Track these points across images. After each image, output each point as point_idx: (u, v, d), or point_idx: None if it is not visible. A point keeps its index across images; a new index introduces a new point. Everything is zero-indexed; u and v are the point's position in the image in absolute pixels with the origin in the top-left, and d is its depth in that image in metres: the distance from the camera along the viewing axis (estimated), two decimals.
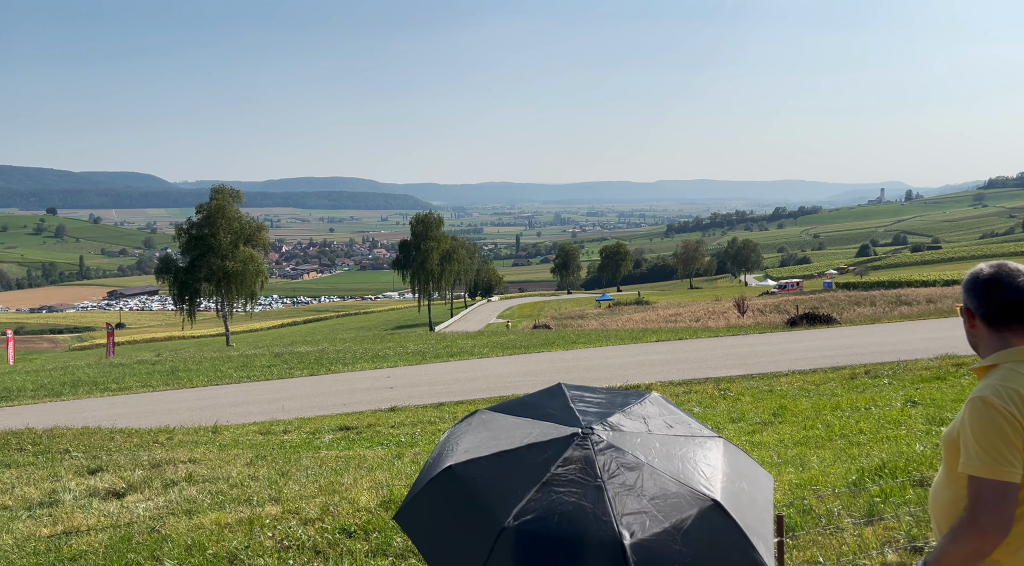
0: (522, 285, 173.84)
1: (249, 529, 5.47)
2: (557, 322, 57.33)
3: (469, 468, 2.10)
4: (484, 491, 2.00)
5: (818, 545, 4.60)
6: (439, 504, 2.08)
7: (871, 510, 5.00)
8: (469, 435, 2.29)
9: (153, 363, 23.96)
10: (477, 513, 1.97)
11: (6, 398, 17.29)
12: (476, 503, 1.99)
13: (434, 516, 2.09)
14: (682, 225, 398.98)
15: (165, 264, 52.74)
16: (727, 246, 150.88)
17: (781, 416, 9.23)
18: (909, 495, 5.18)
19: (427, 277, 74.97)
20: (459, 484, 2.06)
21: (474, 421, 2.38)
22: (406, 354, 22.41)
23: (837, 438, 7.60)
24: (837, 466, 6.20)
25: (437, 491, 2.11)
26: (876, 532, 4.71)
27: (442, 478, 2.11)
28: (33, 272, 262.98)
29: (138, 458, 8.44)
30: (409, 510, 2.07)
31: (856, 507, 5.09)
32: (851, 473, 5.81)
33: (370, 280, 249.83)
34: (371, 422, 11.16)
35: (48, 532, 5.81)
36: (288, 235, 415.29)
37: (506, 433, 2.24)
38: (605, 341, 22.99)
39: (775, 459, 6.80)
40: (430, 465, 2.26)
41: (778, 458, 6.84)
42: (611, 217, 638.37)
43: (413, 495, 2.00)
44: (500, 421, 2.33)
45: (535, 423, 2.27)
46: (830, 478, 5.75)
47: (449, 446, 2.28)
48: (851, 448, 7.00)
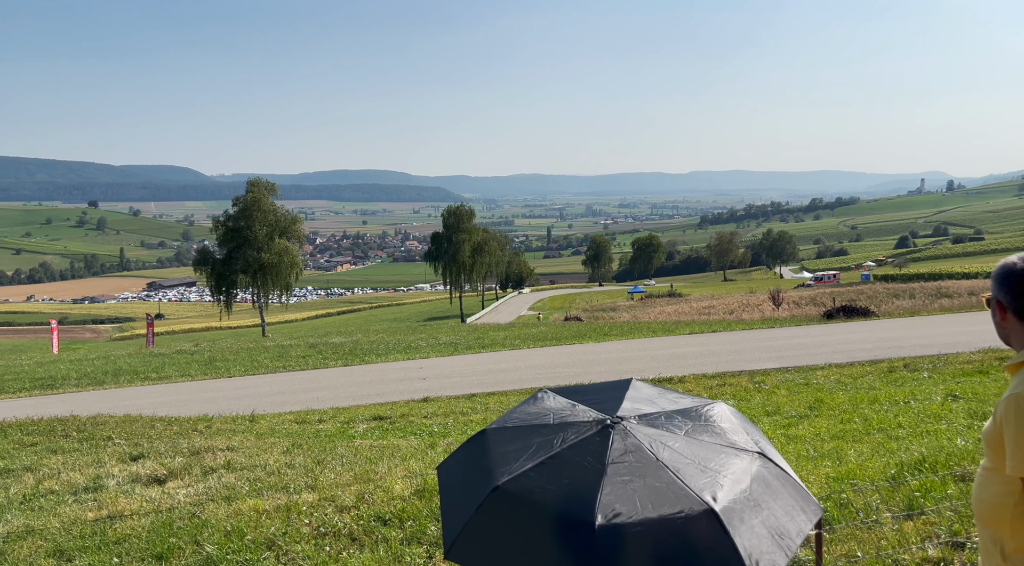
0: (553, 277, 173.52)
1: (286, 516, 5.57)
2: (588, 314, 57.17)
3: (498, 434, 2.26)
4: (497, 455, 2.14)
5: (856, 539, 4.54)
6: (464, 461, 2.26)
7: (911, 504, 4.92)
8: (520, 409, 2.42)
9: (192, 353, 24.43)
10: (484, 472, 2.11)
11: (51, 386, 17.77)
12: (487, 464, 2.13)
13: (458, 471, 2.26)
14: (716, 216, 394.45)
15: (202, 256, 53.61)
16: (762, 238, 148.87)
17: (817, 409, 9.11)
18: (950, 490, 5.08)
19: (459, 269, 75.20)
20: (484, 447, 2.23)
21: (532, 397, 2.50)
22: (438, 345, 22.54)
23: (875, 432, 7.47)
24: (875, 460, 6.11)
25: (468, 449, 2.29)
26: (916, 527, 4.63)
27: (476, 439, 2.29)
28: (76, 264, 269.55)
29: (178, 445, 8.63)
30: (446, 464, 2.27)
31: (895, 501, 5.01)
32: (890, 467, 5.72)
33: (402, 272, 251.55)
34: (404, 412, 11.27)
35: (93, 516, 5.97)
36: (322, 227, 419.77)
37: (547, 411, 2.36)
38: (637, 333, 22.88)
39: (811, 453, 6.72)
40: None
41: (814, 452, 6.76)
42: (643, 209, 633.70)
43: (455, 451, 2.13)
44: (549, 401, 2.45)
45: (578, 406, 2.36)
46: (868, 472, 5.67)
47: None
48: (889, 442, 6.89)
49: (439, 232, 77.49)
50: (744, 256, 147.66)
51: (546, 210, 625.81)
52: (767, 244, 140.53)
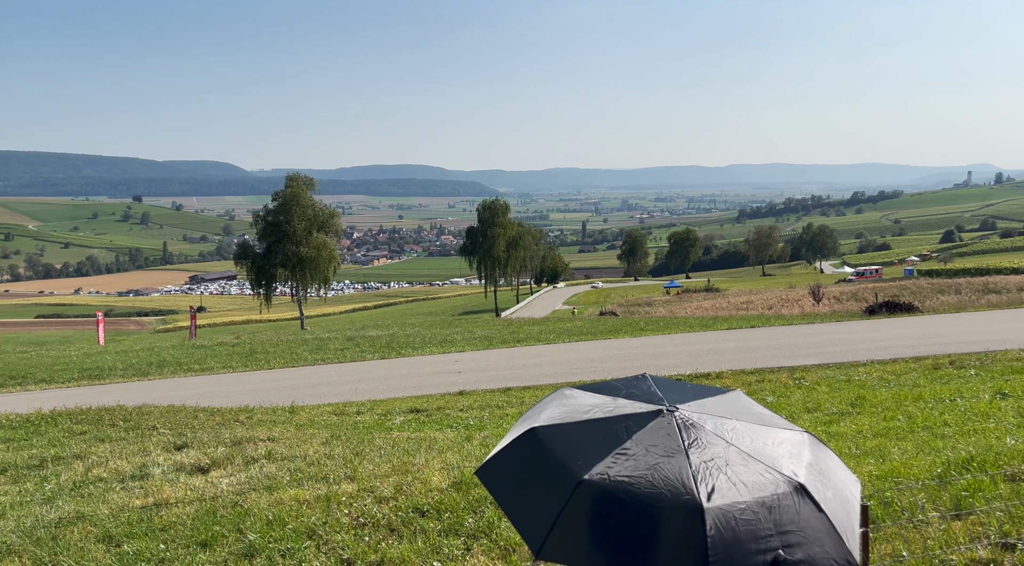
0: (588, 272, 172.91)
1: (326, 506, 5.65)
2: (624, 309, 56.87)
3: (551, 431, 2.19)
4: (565, 451, 2.08)
5: (902, 538, 4.44)
6: (519, 461, 2.18)
7: (958, 504, 4.80)
8: (551, 407, 2.38)
9: (233, 345, 24.88)
10: (556, 469, 2.04)
11: (98, 376, 18.25)
12: (556, 461, 2.06)
13: (514, 472, 2.19)
14: (754, 210, 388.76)
15: (243, 250, 54.47)
16: (802, 232, 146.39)
17: (859, 407, 8.94)
18: (1001, 490, 4.95)
19: (493, 263, 75.31)
20: (541, 445, 2.15)
21: (556, 396, 2.45)
22: (473, 339, 22.63)
23: (920, 430, 7.31)
24: (920, 458, 5.98)
25: (518, 450, 2.21)
26: (964, 527, 4.52)
27: (524, 439, 2.22)
28: (121, 257, 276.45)
29: (220, 435, 8.80)
30: (490, 467, 2.18)
31: (942, 500, 4.90)
32: (936, 466, 5.59)
33: (437, 266, 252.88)
34: (440, 405, 11.34)
35: (140, 503, 6.13)
36: (359, 222, 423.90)
37: (588, 406, 2.32)
38: (673, 328, 22.69)
39: (853, 450, 6.60)
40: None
41: (856, 449, 6.64)
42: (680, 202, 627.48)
43: (494, 454, 2.07)
44: (582, 397, 2.41)
45: (617, 400, 2.33)
46: (913, 471, 5.55)
47: (531, 416, 2.35)
48: (935, 440, 6.73)
49: (474, 226, 77.69)
50: (783, 251, 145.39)
51: (581, 204, 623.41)
52: (807, 238, 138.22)
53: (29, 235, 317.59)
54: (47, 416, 11.00)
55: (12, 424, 10.68)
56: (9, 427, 10.52)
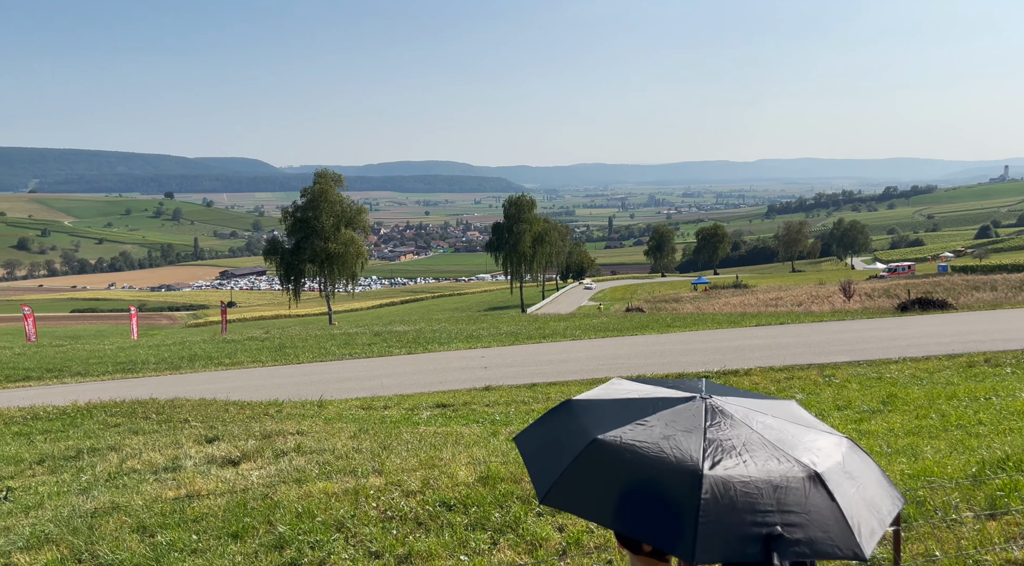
0: (614, 268, 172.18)
1: (355, 499, 5.70)
2: (651, 305, 56.58)
3: (585, 404, 2.38)
4: (590, 419, 2.26)
5: (935, 538, 4.38)
6: (549, 426, 2.38)
7: (993, 503, 4.71)
8: (596, 389, 2.51)
9: (262, 340, 25.19)
10: (577, 431, 2.21)
11: (132, 370, 18.59)
12: (579, 426, 2.24)
13: (541, 435, 2.38)
14: (784, 206, 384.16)
15: (272, 246, 55.11)
16: (832, 227, 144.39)
17: (891, 404, 8.81)
18: None
19: (519, 259, 75.34)
20: (572, 414, 2.35)
21: (610, 382, 2.60)
22: (499, 335, 22.66)
23: (953, 428, 7.19)
24: (954, 457, 5.88)
25: (551, 417, 2.41)
26: (999, 527, 4.44)
27: (560, 409, 2.41)
28: (153, 253, 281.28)
29: (251, 429, 8.92)
30: (525, 433, 2.35)
31: (976, 500, 4.81)
32: (970, 465, 5.49)
33: (463, 262, 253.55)
34: (467, 400, 11.38)
35: (173, 495, 6.24)
36: (386, 218, 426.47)
37: (628, 390, 2.47)
38: (701, 325, 22.52)
39: (885, 448, 6.51)
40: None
41: (888, 447, 6.54)
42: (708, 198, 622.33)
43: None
44: (627, 384, 2.55)
45: (659, 388, 2.45)
46: (946, 470, 5.46)
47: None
48: (969, 439, 6.61)
49: (500, 222, 77.75)
50: (813, 246, 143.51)
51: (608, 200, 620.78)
52: (838, 234, 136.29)
53: (65, 231, 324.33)
54: (83, 408, 11.24)
55: (50, 416, 10.94)
56: (47, 419, 10.78)
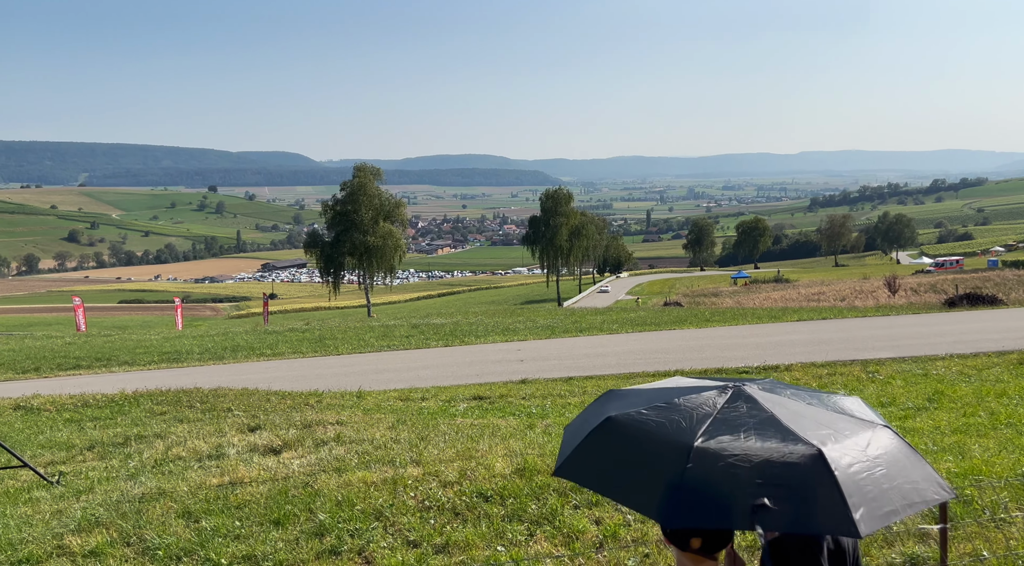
0: (652, 261, 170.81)
1: (393, 488, 5.77)
2: (689, 299, 56.03)
3: (622, 393, 2.44)
4: (616, 404, 2.33)
5: (983, 537, 4.27)
6: (587, 413, 2.43)
7: None
8: (612, 401, 2.47)
9: (303, 331, 25.56)
10: (601, 414, 2.28)
11: (176, 360, 19.02)
12: (604, 410, 2.31)
13: (580, 421, 2.42)
14: (827, 199, 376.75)
15: (312, 239, 55.85)
16: (877, 221, 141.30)
17: (937, 402, 8.60)
18: None
19: (556, 253, 75.16)
20: (607, 399, 2.42)
21: (612, 393, 2.58)
22: (535, 328, 22.66)
23: (1003, 427, 7.00)
24: (1003, 456, 5.72)
25: (592, 405, 2.46)
26: None
27: (600, 398, 2.47)
28: (197, 245, 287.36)
29: (291, 418, 9.08)
30: (571, 463, 2.28)
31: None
32: (1020, 464, 5.35)
33: (500, 255, 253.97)
34: (503, 393, 11.40)
35: (217, 482, 6.38)
36: (424, 211, 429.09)
37: (675, 382, 2.50)
38: (741, 319, 22.24)
39: (930, 446, 6.36)
40: (576, 427, 2.43)
41: (934, 445, 6.40)
42: (749, 191, 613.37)
43: (573, 448, 2.22)
44: (675, 379, 2.60)
45: (700, 380, 2.48)
46: (995, 468, 5.32)
47: (593, 412, 2.43)
48: (1019, 438, 6.44)
49: (537, 216, 77.63)
50: (857, 240, 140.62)
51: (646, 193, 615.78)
52: (883, 228, 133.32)
53: (113, 223, 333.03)
54: (130, 397, 11.55)
55: (99, 404, 11.26)
56: (96, 406, 11.11)
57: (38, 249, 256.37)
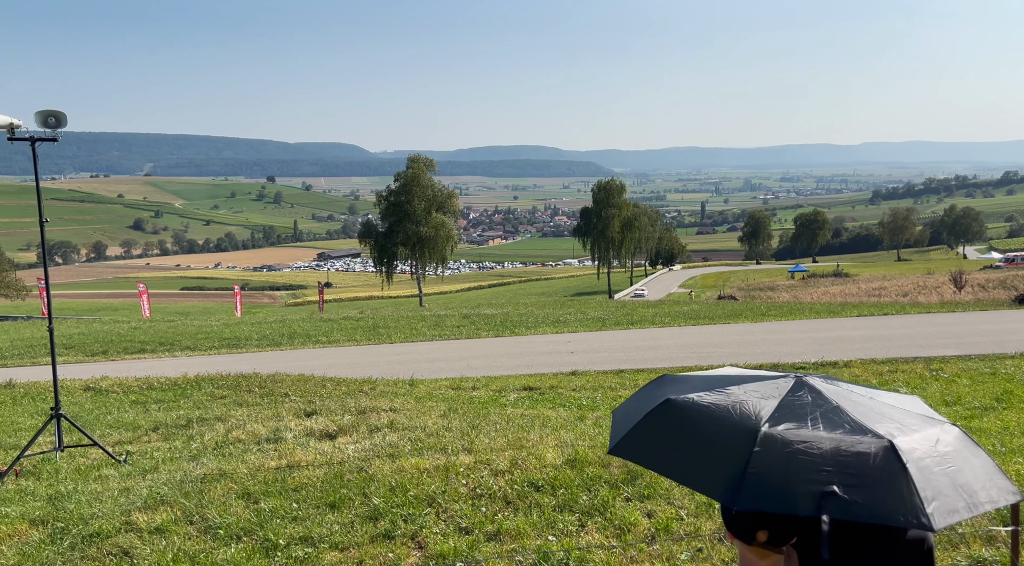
0: (706, 254, 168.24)
1: (445, 475, 5.84)
2: (744, 293, 55.08)
3: (678, 378, 2.41)
4: (672, 388, 2.30)
5: None
6: (639, 396, 2.42)
7: None
8: (667, 385, 2.44)
9: (357, 319, 25.98)
10: (658, 395, 2.27)
11: (236, 345, 19.54)
12: (662, 392, 2.29)
13: (631, 404, 2.41)
14: (890, 191, 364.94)
15: (367, 229, 56.68)
16: (943, 214, 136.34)
17: (1006, 401, 8.28)
18: None
19: (607, 244, 74.61)
20: (661, 385, 2.39)
21: (665, 377, 2.54)
22: (586, 320, 22.57)
23: None
24: None
25: (643, 389, 2.44)
26: None
27: (652, 382, 2.45)
28: (255, 234, 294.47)
29: (346, 404, 9.25)
30: (628, 442, 2.27)
31: None
32: None
33: (551, 247, 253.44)
34: (553, 384, 11.41)
35: (275, 464, 6.55)
36: (475, 202, 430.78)
37: (727, 371, 2.46)
38: (798, 314, 21.75)
39: (998, 447, 6.13)
40: (628, 410, 2.41)
41: (1002, 447, 6.16)
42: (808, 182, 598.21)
43: (630, 428, 2.20)
44: (732, 368, 2.54)
45: (760, 372, 2.42)
46: None
47: (646, 395, 2.42)
48: None
49: (588, 207, 77.16)
50: (922, 234, 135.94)
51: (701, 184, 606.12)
52: (949, 221, 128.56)
53: (176, 212, 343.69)
54: (192, 381, 11.93)
55: (163, 387, 11.67)
56: (160, 389, 11.51)
57: (106, 237, 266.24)
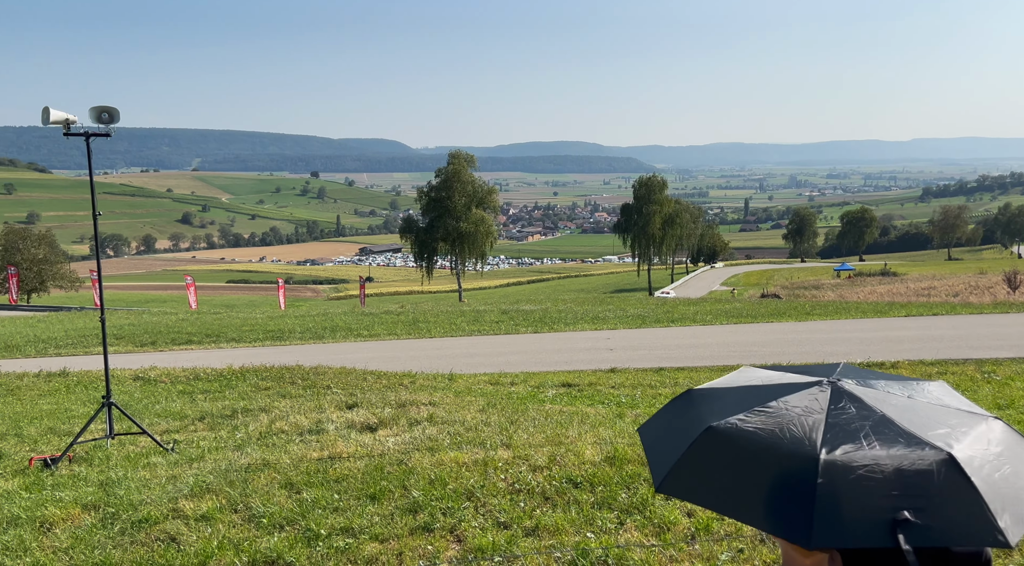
0: (749, 252, 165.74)
1: (484, 470, 5.87)
2: (788, 292, 54.19)
3: (705, 392, 2.36)
4: (709, 406, 2.24)
5: None
6: (668, 416, 2.39)
7: None
8: (723, 377, 2.47)
9: (397, 314, 26.23)
10: (694, 419, 2.21)
11: (280, 338, 19.90)
12: (696, 414, 2.24)
13: (661, 424, 2.39)
14: (941, 189, 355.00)
15: (408, 224, 57.17)
16: (997, 212, 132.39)
17: None
18: None
19: (648, 241, 74.01)
20: (691, 403, 2.34)
21: (737, 370, 2.54)
22: (625, 317, 22.43)
23: None
24: None
25: (671, 407, 2.42)
26: None
27: (680, 399, 2.41)
28: (299, 229, 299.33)
29: (387, 397, 9.36)
30: (648, 424, 2.38)
31: None
32: None
33: (590, 243, 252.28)
34: (592, 381, 11.37)
35: (317, 456, 6.67)
36: (515, 198, 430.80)
37: (754, 377, 2.40)
38: (844, 313, 21.31)
39: None
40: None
41: None
42: (855, 179, 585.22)
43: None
44: (753, 371, 2.48)
45: (785, 373, 2.37)
46: None
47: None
48: None
49: (629, 203, 76.63)
50: (974, 233, 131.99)
51: (744, 181, 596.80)
52: (1003, 220, 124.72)
53: (222, 207, 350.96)
54: (237, 372, 12.19)
55: (209, 377, 11.95)
56: (206, 380, 11.78)
57: (155, 230, 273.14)
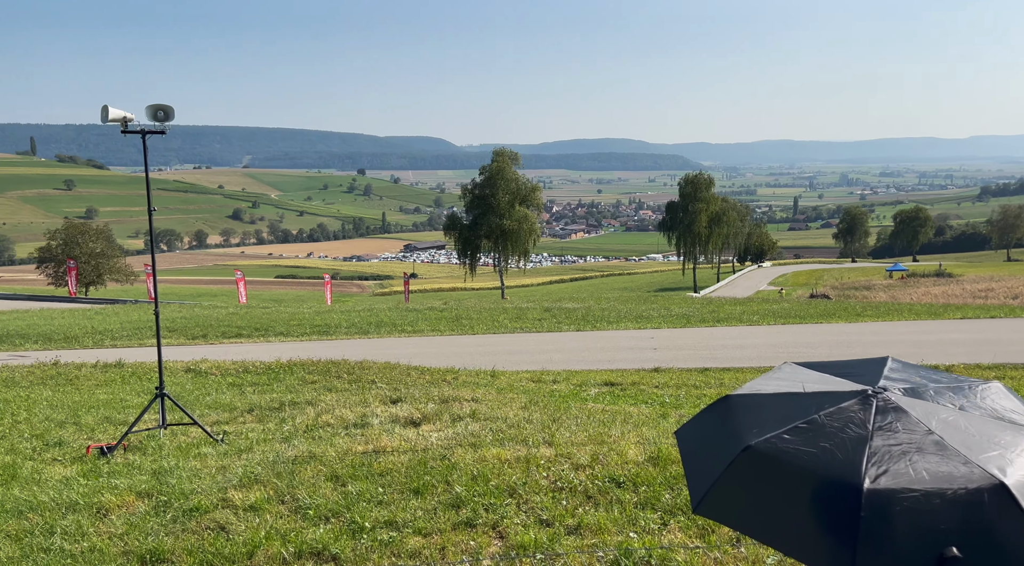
0: (798, 251, 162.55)
1: (526, 467, 5.88)
2: (838, 292, 53.02)
3: (744, 400, 2.27)
4: (747, 419, 2.15)
5: None
6: (706, 425, 2.31)
7: None
8: (761, 378, 2.40)
9: (440, 310, 26.43)
10: (732, 434, 2.12)
11: (326, 332, 20.21)
12: (734, 427, 2.15)
13: (699, 434, 2.31)
14: (1000, 187, 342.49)
15: (452, 221, 57.51)
16: None
17: None
18: None
19: (693, 240, 73.05)
20: (730, 411, 2.25)
21: (776, 369, 2.44)
22: (670, 317, 22.21)
23: None
24: None
25: (709, 414, 2.34)
26: None
27: (717, 405, 2.33)
28: (346, 225, 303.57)
29: (430, 393, 9.44)
30: (685, 428, 2.30)
31: None
32: None
33: (634, 241, 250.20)
34: (635, 380, 11.29)
35: (361, 449, 6.76)
36: (558, 196, 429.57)
37: (794, 380, 2.31)
38: (896, 315, 20.77)
39: None
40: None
41: None
42: (909, 178, 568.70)
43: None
44: (795, 372, 2.40)
45: (831, 378, 2.27)
46: None
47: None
48: None
49: (674, 201, 75.78)
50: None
51: (794, 179, 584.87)
52: None
53: (272, 203, 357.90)
54: (285, 365, 12.42)
55: (258, 370, 12.20)
56: (255, 373, 12.03)
57: (206, 226, 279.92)
